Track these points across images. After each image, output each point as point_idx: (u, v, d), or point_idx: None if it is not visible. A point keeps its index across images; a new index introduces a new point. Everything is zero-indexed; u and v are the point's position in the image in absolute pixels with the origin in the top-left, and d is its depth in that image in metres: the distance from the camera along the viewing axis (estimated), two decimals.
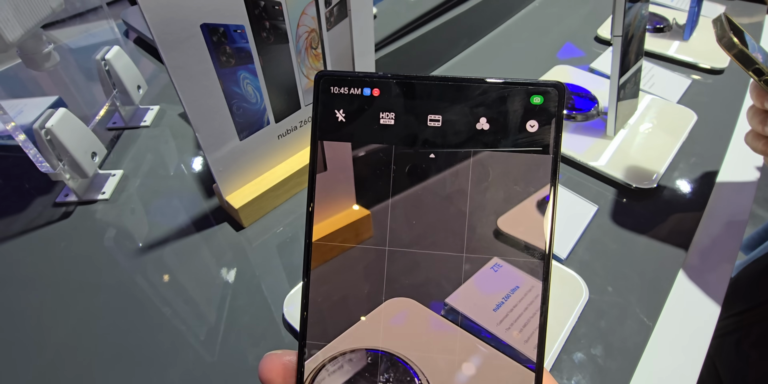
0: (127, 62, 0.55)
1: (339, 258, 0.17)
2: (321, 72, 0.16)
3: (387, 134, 0.16)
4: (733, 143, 0.58)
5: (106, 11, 0.58)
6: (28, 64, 0.45)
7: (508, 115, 0.16)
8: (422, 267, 0.16)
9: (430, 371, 0.16)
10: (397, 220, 0.16)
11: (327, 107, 0.16)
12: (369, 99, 0.16)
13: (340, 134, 0.16)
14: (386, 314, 0.16)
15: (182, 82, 0.35)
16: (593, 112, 0.58)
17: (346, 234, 0.16)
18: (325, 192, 0.16)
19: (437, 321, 0.16)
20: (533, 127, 0.15)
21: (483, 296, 0.16)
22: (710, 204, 0.50)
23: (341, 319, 0.16)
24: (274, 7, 0.39)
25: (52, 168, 0.44)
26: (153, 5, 0.31)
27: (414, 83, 0.16)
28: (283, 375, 0.17)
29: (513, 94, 0.15)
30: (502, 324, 0.16)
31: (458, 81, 0.16)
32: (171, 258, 0.45)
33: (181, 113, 0.62)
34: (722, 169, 0.54)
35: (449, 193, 0.16)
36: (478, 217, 0.16)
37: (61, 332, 0.39)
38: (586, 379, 0.36)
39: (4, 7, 0.38)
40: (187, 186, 0.52)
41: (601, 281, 0.42)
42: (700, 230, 0.47)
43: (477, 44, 0.76)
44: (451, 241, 0.16)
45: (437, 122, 0.16)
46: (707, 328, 0.40)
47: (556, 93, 0.15)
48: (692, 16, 0.71)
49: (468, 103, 0.16)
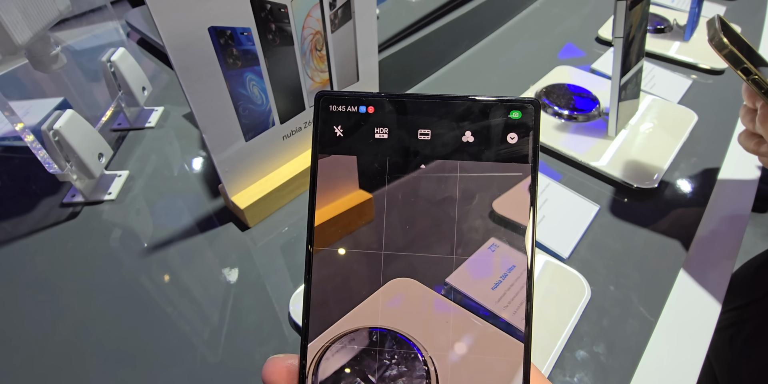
0: (132, 64, 0.56)
1: (340, 256, 0.18)
2: (321, 92, 0.18)
3: (381, 147, 0.18)
4: (733, 143, 0.58)
5: (111, 12, 0.59)
6: (36, 66, 0.45)
7: (491, 129, 0.17)
8: (420, 251, 0.18)
9: (432, 348, 0.17)
10: (392, 224, 0.18)
11: (327, 124, 0.18)
12: (365, 116, 0.18)
13: (339, 148, 0.18)
14: (388, 294, 0.17)
15: (190, 83, 0.36)
16: (594, 112, 0.58)
17: (350, 216, 0.18)
18: (325, 199, 0.18)
19: (438, 300, 0.17)
20: (513, 139, 0.17)
21: (481, 275, 0.17)
22: (711, 203, 0.51)
23: (345, 301, 0.18)
24: (280, 9, 0.39)
25: (60, 169, 0.45)
26: (162, 8, 0.32)
27: (405, 101, 0.18)
28: (287, 378, 0.17)
29: (494, 110, 0.17)
30: (500, 302, 0.18)
31: (445, 98, 0.18)
32: (177, 258, 0.45)
33: (185, 114, 0.62)
34: (723, 168, 0.55)
35: (438, 199, 0.18)
36: (470, 208, 0.18)
37: (69, 332, 0.39)
38: (588, 377, 0.36)
39: (12, 9, 0.39)
40: (192, 186, 0.52)
41: (603, 280, 0.43)
42: (700, 229, 0.48)
43: (478, 45, 0.76)
44: (446, 232, 0.18)
45: (427, 136, 0.18)
46: (708, 326, 0.40)
47: (532, 108, 0.17)
48: (693, 17, 0.71)
49: (454, 119, 0.17)
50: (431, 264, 0.17)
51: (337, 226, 0.18)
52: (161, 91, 0.66)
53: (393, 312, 0.17)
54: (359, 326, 0.17)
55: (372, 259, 0.18)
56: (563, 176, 0.53)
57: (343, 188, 0.18)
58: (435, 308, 0.17)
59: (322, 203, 0.18)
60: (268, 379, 0.17)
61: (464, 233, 0.17)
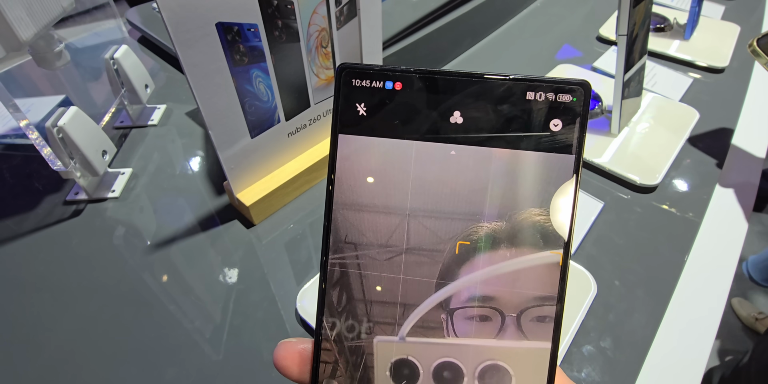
0: (135, 61, 0.56)
1: (356, 257, 0.17)
2: (343, 64, 0.16)
3: (408, 129, 0.16)
4: (735, 140, 0.59)
5: (114, 9, 0.59)
6: (39, 64, 0.45)
7: (532, 114, 0.15)
8: (436, 257, 0.16)
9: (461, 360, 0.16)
10: (416, 217, 0.16)
11: (348, 100, 0.16)
12: (391, 93, 0.16)
13: (361, 128, 0.16)
14: (403, 300, 0.16)
15: (197, 80, 0.36)
16: (597, 110, 0.58)
17: (369, 205, 0.16)
18: (344, 183, 0.16)
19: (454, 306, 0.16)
20: (557, 127, 0.15)
21: (501, 280, 0.16)
22: (714, 199, 0.51)
23: (358, 308, 0.16)
24: (287, 6, 0.39)
25: (64, 166, 0.44)
26: (171, 4, 0.32)
27: (437, 78, 0.15)
28: (299, 362, 0.16)
29: (538, 92, 0.15)
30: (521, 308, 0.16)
31: (482, 77, 0.15)
32: (182, 256, 0.45)
33: (187, 112, 0.62)
34: (725, 164, 0.55)
35: (469, 190, 0.16)
36: (496, 213, 0.16)
37: (73, 329, 0.39)
38: (596, 371, 0.37)
39: (17, 6, 0.39)
40: (196, 184, 0.52)
41: (608, 276, 0.43)
42: (704, 224, 0.48)
43: (480, 43, 0.76)
44: (465, 232, 0.16)
45: (459, 118, 0.16)
46: (713, 319, 0.41)
47: (582, 92, 0.15)
48: (693, 16, 0.72)
49: (491, 100, 0.15)
50: (446, 268, 0.16)
51: (357, 216, 0.16)
52: (162, 88, 0.66)
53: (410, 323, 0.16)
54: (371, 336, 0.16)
55: (393, 260, 0.16)
56: None
57: (364, 174, 0.16)
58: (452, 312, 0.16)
59: (341, 192, 0.16)
60: (280, 363, 0.17)
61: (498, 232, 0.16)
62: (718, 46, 0.73)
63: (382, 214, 0.17)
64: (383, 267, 0.17)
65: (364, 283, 0.17)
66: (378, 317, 0.17)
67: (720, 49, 0.72)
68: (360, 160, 0.16)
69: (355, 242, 0.17)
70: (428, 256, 0.17)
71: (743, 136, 0.59)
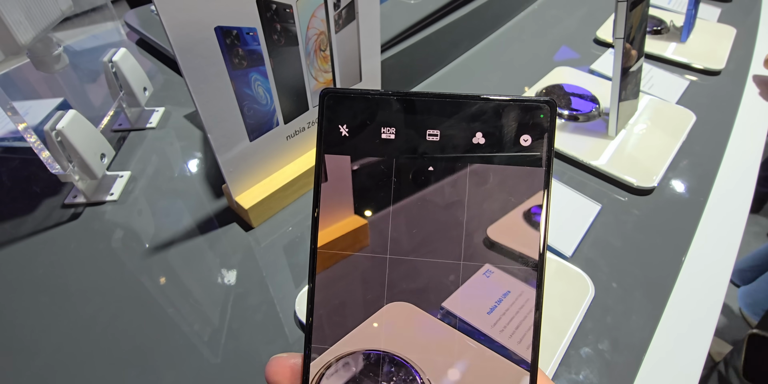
0: (133, 64, 0.56)
1: (343, 264, 0.17)
2: (326, 89, 0.17)
3: (388, 148, 0.17)
4: (731, 142, 0.59)
5: (112, 12, 0.59)
6: (38, 67, 0.45)
7: (503, 130, 0.16)
8: (421, 273, 0.17)
9: (430, 371, 0.16)
10: (397, 229, 0.17)
11: (332, 122, 0.17)
12: (371, 115, 0.17)
13: (344, 148, 0.17)
14: (386, 318, 0.17)
15: (196, 83, 0.36)
16: (594, 112, 0.59)
17: (347, 241, 0.18)
18: (329, 201, 0.17)
19: (435, 324, 0.17)
20: (527, 142, 0.16)
21: (477, 300, 0.17)
22: (710, 201, 0.51)
23: (345, 322, 0.17)
24: (285, 9, 0.39)
25: (63, 169, 0.44)
26: (170, 8, 0.32)
27: (414, 100, 0.17)
28: (290, 377, 0.17)
29: (508, 110, 0.16)
30: (495, 326, 0.17)
31: (456, 98, 0.17)
32: (180, 259, 0.45)
33: (186, 115, 0.62)
34: (721, 167, 0.55)
35: (446, 203, 0.17)
36: (472, 227, 0.17)
37: (71, 333, 0.39)
38: (593, 374, 0.37)
39: (15, 9, 0.39)
40: (194, 187, 0.52)
41: (606, 278, 0.43)
42: (701, 226, 0.48)
43: (478, 46, 0.77)
44: (447, 249, 0.17)
45: (435, 137, 0.17)
46: (710, 321, 0.41)
47: (548, 109, 0.16)
48: (689, 19, 0.72)
49: (465, 119, 0.16)
50: (430, 287, 0.17)
51: (341, 232, 0.17)
52: (160, 91, 0.66)
53: (393, 334, 0.17)
54: (359, 348, 0.17)
55: (374, 284, 0.17)
56: (564, 175, 0.54)
57: (348, 191, 0.17)
58: (432, 330, 0.17)
59: (326, 208, 0.17)
60: (271, 378, 0.17)
61: (466, 254, 0.17)
62: (715, 48, 0.73)
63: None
64: (367, 279, 0.17)
65: (348, 298, 0.17)
66: (363, 330, 0.17)
67: (716, 51, 0.73)
68: (344, 177, 0.17)
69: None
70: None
71: (739, 138, 0.60)
